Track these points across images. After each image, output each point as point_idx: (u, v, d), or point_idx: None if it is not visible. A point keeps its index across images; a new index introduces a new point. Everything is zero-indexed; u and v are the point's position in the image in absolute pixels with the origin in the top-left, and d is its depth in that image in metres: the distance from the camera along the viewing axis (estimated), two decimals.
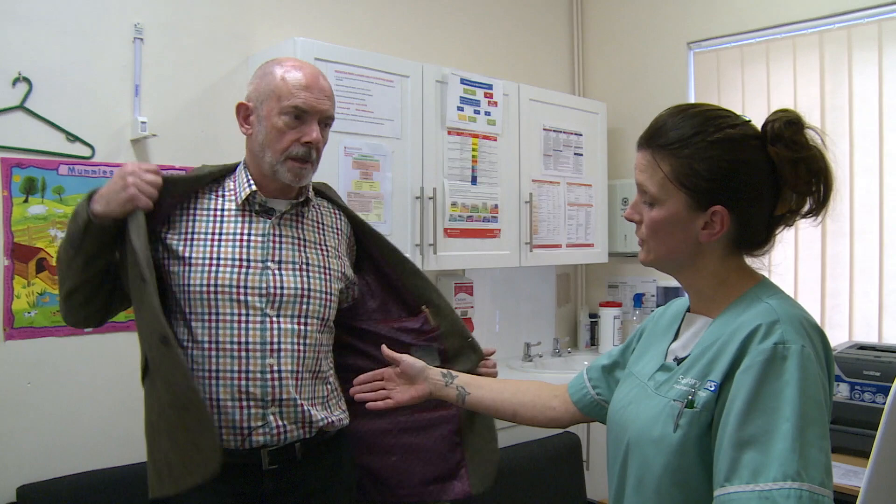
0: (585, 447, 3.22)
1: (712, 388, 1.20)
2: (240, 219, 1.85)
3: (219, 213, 1.85)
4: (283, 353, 1.80)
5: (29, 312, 2.47)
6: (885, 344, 3.06)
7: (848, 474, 2.48)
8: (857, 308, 3.37)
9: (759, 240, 1.33)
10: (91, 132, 2.60)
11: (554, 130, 3.77)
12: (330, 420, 1.89)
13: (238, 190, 1.87)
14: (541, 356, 3.97)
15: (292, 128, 1.80)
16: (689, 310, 1.43)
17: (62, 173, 2.54)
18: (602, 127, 4.01)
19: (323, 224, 1.99)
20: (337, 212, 2.06)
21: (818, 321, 1.24)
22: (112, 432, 2.60)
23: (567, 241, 3.86)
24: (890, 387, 1.50)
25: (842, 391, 2.76)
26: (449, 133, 3.26)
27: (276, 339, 1.79)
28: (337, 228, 2.02)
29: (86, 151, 2.59)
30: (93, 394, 2.58)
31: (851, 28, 3.38)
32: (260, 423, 1.77)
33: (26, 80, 2.47)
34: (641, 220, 1.35)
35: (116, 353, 2.60)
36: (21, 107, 2.46)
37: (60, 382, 2.53)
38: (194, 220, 1.83)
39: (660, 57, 4.08)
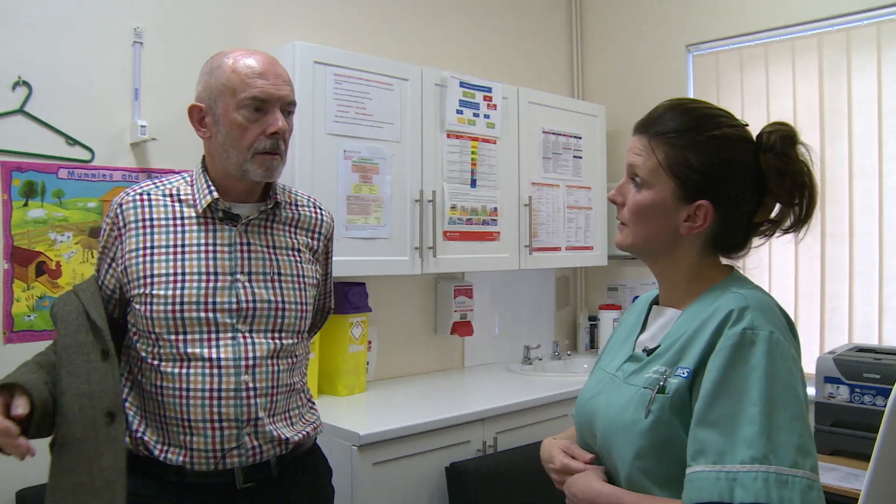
0: None
1: (685, 375, 1.22)
2: (202, 227, 1.71)
3: (178, 221, 1.71)
4: (258, 370, 1.69)
5: (29, 316, 2.47)
6: (885, 346, 3.06)
7: (848, 477, 2.48)
8: (857, 310, 3.37)
9: (736, 242, 1.36)
10: (91, 136, 2.60)
11: (553, 133, 3.77)
12: (305, 432, 1.81)
13: (198, 196, 1.73)
14: (540, 359, 3.97)
15: (253, 121, 1.66)
16: (655, 302, 1.45)
17: (62, 177, 2.54)
18: (601, 130, 4.01)
19: (297, 226, 1.85)
20: (317, 210, 1.92)
21: (818, 323, 1.26)
22: None
23: (566, 244, 3.86)
24: (890, 389, 1.50)
25: (841, 394, 2.76)
26: (448, 136, 3.26)
27: (250, 356, 1.68)
28: (314, 231, 1.88)
29: (85, 155, 2.59)
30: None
31: (850, 30, 3.39)
32: (235, 445, 1.66)
33: (26, 83, 2.47)
34: (624, 202, 1.37)
35: None
36: (21, 110, 2.46)
37: None
38: (152, 233, 1.70)
39: (659, 59, 4.09)
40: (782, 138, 1.28)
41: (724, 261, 1.39)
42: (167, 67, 2.79)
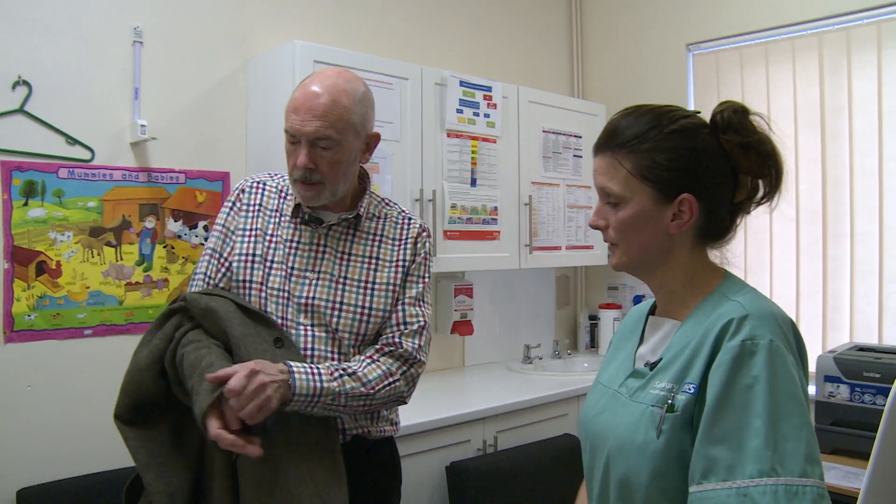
0: None
1: (691, 391, 1.20)
2: (292, 224, 1.88)
3: (278, 215, 1.90)
4: (315, 360, 1.79)
5: (29, 315, 2.47)
6: (886, 345, 3.06)
7: (848, 476, 2.48)
8: (858, 309, 3.37)
9: (724, 227, 1.34)
10: (91, 135, 2.60)
11: (553, 132, 3.77)
12: (366, 430, 1.87)
13: (294, 198, 1.89)
14: (541, 358, 3.97)
15: (291, 153, 1.79)
16: (652, 313, 1.44)
17: (62, 176, 2.54)
18: (601, 129, 4.00)
19: (382, 236, 1.92)
20: (406, 221, 1.96)
21: (820, 323, 1.26)
22: (112, 435, 2.58)
23: (567, 244, 3.87)
24: (890, 388, 1.50)
25: (841, 393, 2.76)
26: (448, 135, 3.26)
27: (309, 347, 1.80)
28: (399, 239, 1.93)
29: (85, 154, 2.59)
30: (92, 397, 2.58)
31: (850, 29, 3.38)
32: None
33: (26, 83, 2.47)
34: (607, 226, 1.36)
35: (116, 357, 2.59)
36: (21, 110, 2.46)
37: (60, 385, 2.53)
38: (258, 216, 1.90)
39: (659, 59, 4.09)
40: (734, 113, 1.28)
41: (713, 257, 1.37)
42: (167, 67, 2.79)
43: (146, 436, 1.72)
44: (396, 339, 1.85)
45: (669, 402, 1.22)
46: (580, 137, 3.91)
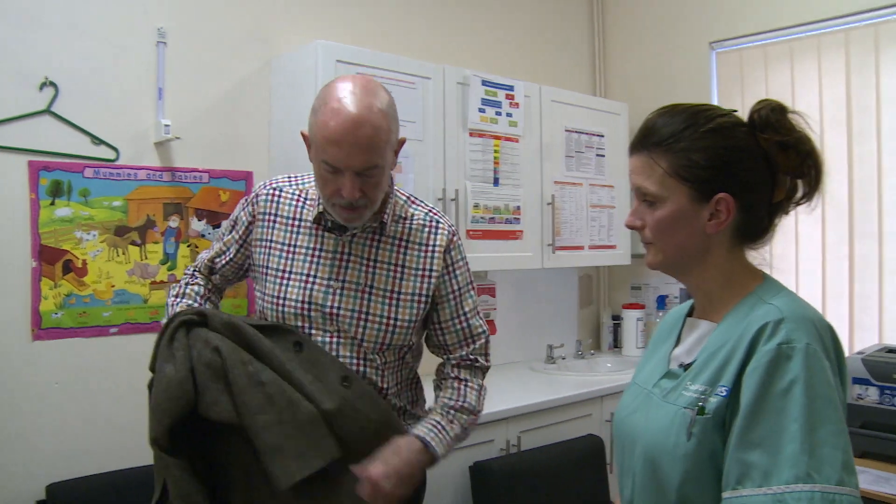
0: (609, 450, 3.20)
1: (724, 394, 1.19)
2: (313, 232, 1.84)
3: (296, 223, 1.85)
4: None
5: (56, 313, 2.49)
6: None
7: (878, 480, 2.44)
8: (887, 310, 3.32)
9: (762, 228, 1.33)
10: (115, 135, 2.62)
11: (576, 132, 3.75)
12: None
13: (316, 203, 1.83)
14: (563, 358, 3.96)
15: (330, 179, 1.68)
16: (690, 314, 1.42)
17: (87, 176, 2.56)
18: (624, 128, 3.99)
19: (408, 241, 1.86)
20: (433, 223, 1.90)
21: (846, 323, 1.23)
22: (139, 431, 2.60)
23: (589, 243, 3.85)
24: None
25: (870, 395, 2.72)
26: (471, 135, 3.25)
27: (333, 353, 1.79)
28: (427, 245, 1.87)
29: (110, 154, 2.61)
30: (118, 394, 2.60)
31: (878, 25, 3.34)
32: None
33: (53, 84, 2.49)
34: (644, 225, 1.34)
35: (140, 355, 2.60)
36: (48, 111, 2.49)
37: (87, 382, 2.56)
38: (273, 227, 1.86)
39: (682, 57, 4.06)
40: (772, 111, 1.26)
41: (751, 258, 1.35)
42: (190, 67, 2.81)
43: (185, 464, 1.65)
44: (471, 357, 1.95)
45: (700, 404, 1.21)
46: (603, 136, 3.89)
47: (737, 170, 1.26)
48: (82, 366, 2.54)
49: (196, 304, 1.91)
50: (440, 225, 1.90)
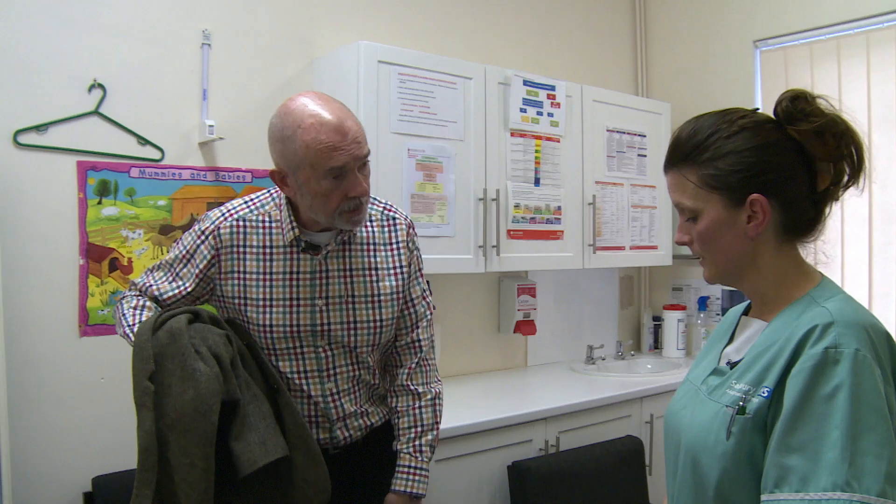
0: (648, 451, 3.17)
1: (765, 395, 1.18)
2: (287, 256, 1.86)
3: (267, 251, 1.85)
4: (339, 376, 1.91)
5: (102, 310, 2.54)
6: None
7: None
8: None
9: (808, 218, 1.30)
10: (161, 135, 2.67)
11: (617, 131, 3.73)
12: (386, 416, 2.05)
13: (284, 227, 1.85)
14: (603, 359, 3.94)
15: (336, 188, 1.74)
16: (745, 313, 1.41)
17: (133, 176, 2.61)
18: (666, 128, 3.95)
19: (375, 243, 1.96)
20: (390, 221, 2.00)
21: (894, 326, 1.20)
22: None
23: (631, 244, 3.82)
24: None
25: None
26: (512, 135, 3.25)
27: (331, 366, 1.90)
28: (391, 243, 1.98)
29: (156, 154, 2.66)
30: None
31: None
32: (327, 436, 1.92)
33: (101, 86, 2.54)
34: (692, 240, 1.34)
35: None
36: (96, 112, 2.54)
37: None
38: (244, 258, 1.85)
39: (725, 56, 4.01)
40: (793, 101, 1.25)
41: (809, 256, 1.33)
42: (234, 68, 2.84)
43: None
44: (416, 339, 2.03)
45: (741, 403, 1.20)
46: (644, 136, 3.86)
47: (765, 168, 1.25)
48: (128, 361, 2.57)
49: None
50: (396, 220, 2.01)
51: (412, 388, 2.01)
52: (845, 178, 1.27)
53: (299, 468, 1.74)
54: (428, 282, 2.13)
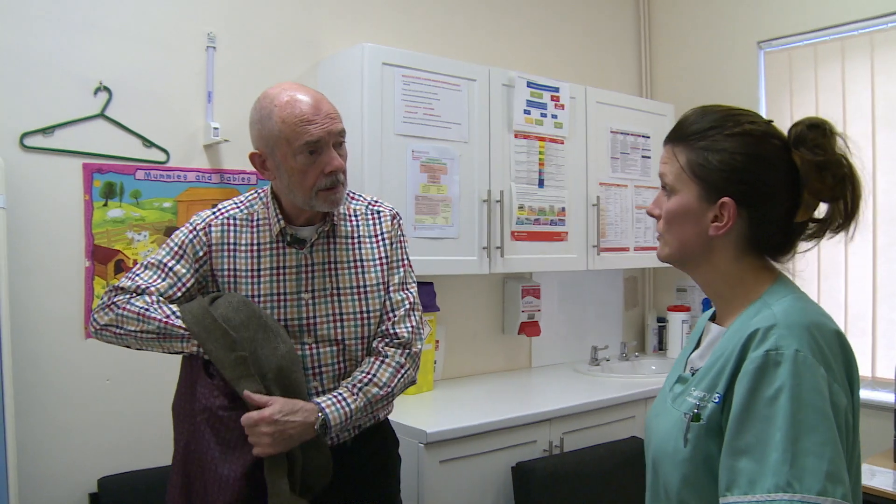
0: None
1: (717, 401, 1.20)
2: (274, 252, 1.88)
3: (255, 247, 1.88)
4: (324, 375, 1.88)
5: None
6: None
7: None
8: None
9: (776, 242, 1.30)
10: (166, 138, 2.68)
11: (621, 133, 3.74)
12: (377, 417, 1.99)
13: (271, 222, 1.88)
14: (608, 360, 3.94)
15: (311, 164, 1.77)
16: (712, 318, 1.42)
17: (139, 178, 2.62)
18: (670, 129, 3.94)
19: (359, 236, 1.96)
20: (374, 215, 2.01)
21: None
22: None
23: (635, 245, 3.83)
24: None
25: None
26: (516, 136, 3.26)
27: (316, 364, 1.87)
28: (375, 236, 1.98)
29: (161, 157, 2.67)
30: (167, 390, 2.63)
31: None
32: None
33: (106, 89, 2.56)
34: (660, 215, 1.36)
35: None
36: (102, 114, 2.55)
37: (137, 379, 2.62)
38: (234, 256, 1.87)
39: (729, 57, 4.01)
40: (810, 129, 1.23)
41: (771, 263, 1.33)
42: (239, 71, 2.86)
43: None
44: (391, 330, 1.94)
45: (696, 411, 1.22)
46: (648, 138, 3.86)
47: (749, 178, 1.24)
48: (132, 363, 2.59)
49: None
50: (381, 213, 2.01)
51: (382, 352, 1.92)
52: (837, 222, 1.26)
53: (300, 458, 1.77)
54: (412, 272, 2.05)
